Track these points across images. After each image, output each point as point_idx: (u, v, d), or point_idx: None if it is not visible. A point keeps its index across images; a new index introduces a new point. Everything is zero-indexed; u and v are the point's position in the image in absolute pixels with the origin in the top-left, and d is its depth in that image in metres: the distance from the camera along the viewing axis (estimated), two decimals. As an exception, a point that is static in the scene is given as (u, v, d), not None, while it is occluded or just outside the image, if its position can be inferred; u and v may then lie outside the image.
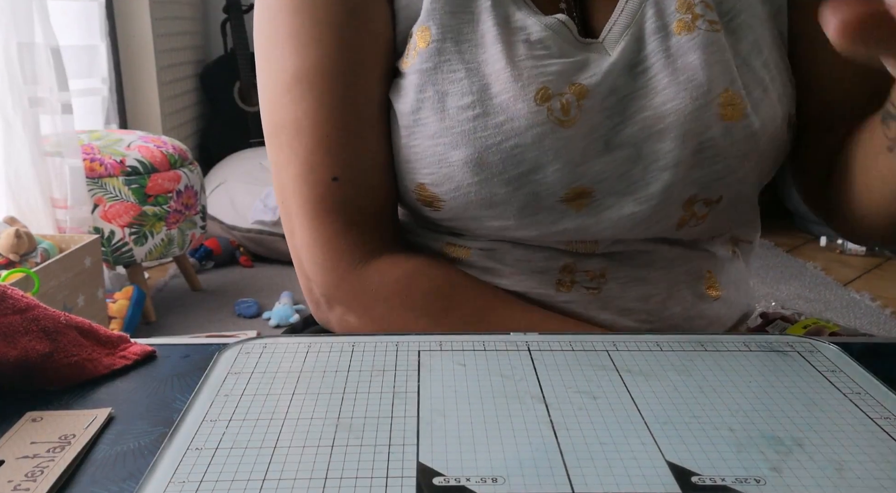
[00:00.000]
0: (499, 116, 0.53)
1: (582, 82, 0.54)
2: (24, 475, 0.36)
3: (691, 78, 0.54)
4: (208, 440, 0.38)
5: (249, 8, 3.65)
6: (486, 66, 0.54)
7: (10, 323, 0.45)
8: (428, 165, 0.56)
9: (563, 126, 0.53)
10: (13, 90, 2.08)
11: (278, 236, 2.85)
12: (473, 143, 0.54)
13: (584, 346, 0.49)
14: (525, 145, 0.53)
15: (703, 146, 0.55)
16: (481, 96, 0.54)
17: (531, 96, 0.53)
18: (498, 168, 0.54)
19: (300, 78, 0.56)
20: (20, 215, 2.12)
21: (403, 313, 0.57)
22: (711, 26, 0.55)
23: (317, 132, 0.56)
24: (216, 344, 0.50)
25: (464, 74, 0.54)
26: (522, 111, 0.53)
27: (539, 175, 0.54)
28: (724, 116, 0.54)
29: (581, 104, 0.54)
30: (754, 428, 0.39)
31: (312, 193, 0.57)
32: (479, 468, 0.36)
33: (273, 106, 0.58)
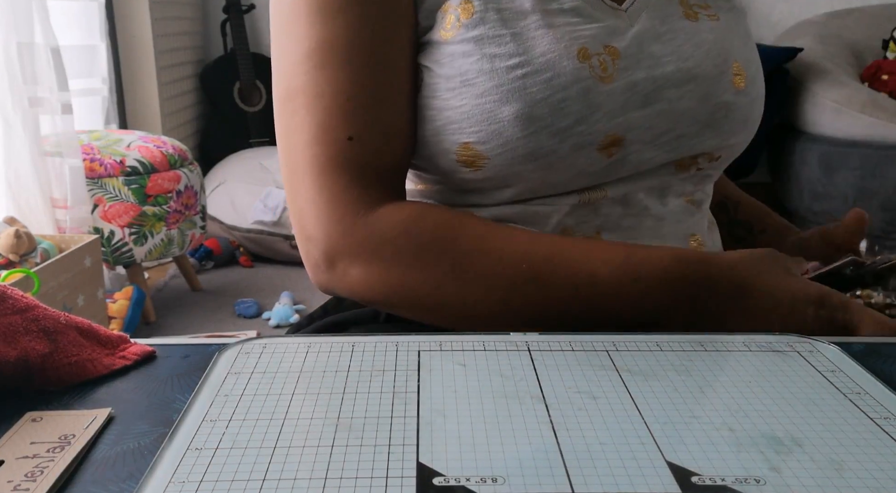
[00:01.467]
0: (546, 73, 0.58)
1: (614, 45, 0.61)
2: (24, 475, 0.36)
3: (710, 49, 0.64)
4: (208, 440, 0.38)
5: (249, 8, 3.65)
6: (528, 31, 0.60)
7: (10, 323, 0.45)
8: (475, 123, 0.60)
9: (604, 81, 0.60)
10: (13, 90, 2.08)
11: (278, 237, 2.85)
12: (523, 98, 0.58)
13: (584, 346, 0.49)
14: (571, 99, 0.59)
15: (718, 108, 0.64)
16: (528, 57, 0.59)
17: (573, 55, 0.59)
18: (546, 121, 0.59)
19: (322, 46, 0.59)
20: (20, 215, 2.12)
21: (414, 250, 0.58)
22: (710, 18, 0.66)
23: (338, 96, 0.59)
24: (216, 344, 0.50)
25: (509, 39, 0.59)
26: (567, 68, 0.59)
27: (583, 126, 0.59)
28: (735, 84, 0.65)
29: (616, 63, 0.60)
30: (754, 428, 0.39)
31: (325, 152, 0.59)
32: (479, 468, 0.36)
33: (290, 72, 0.60)
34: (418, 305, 0.60)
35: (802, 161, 3.11)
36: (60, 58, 2.19)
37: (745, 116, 0.66)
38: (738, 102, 0.65)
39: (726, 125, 0.65)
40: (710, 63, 0.63)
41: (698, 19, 0.65)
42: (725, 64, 0.64)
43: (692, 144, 0.65)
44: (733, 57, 0.65)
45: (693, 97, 0.63)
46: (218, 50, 3.73)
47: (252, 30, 3.74)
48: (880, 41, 3.31)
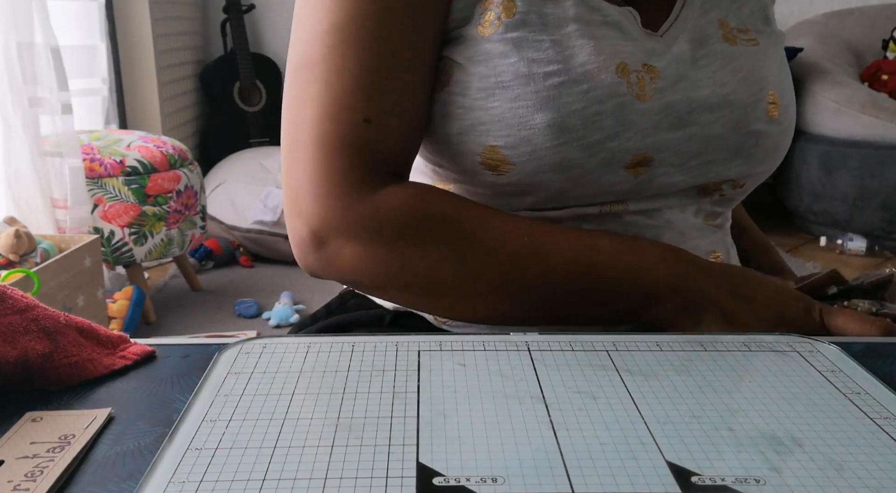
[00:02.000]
0: (583, 84, 0.57)
1: (652, 64, 0.60)
2: (24, 475, 0.36)
3: (747, 77, 0.62)
4: (208, 440, 0.38)
5: (249, 8, 3.65)
6: (569, 39, 0.58)
7: (10, 323, 0.45)
8: (505, 127, 0.58)
9: (640, 99, 0.58)
10: (13, 90, 2.08)
11: (278, 236, 2.85)
12: (558, 107, 0.57)
13: (584, 346, 0.49)
14: (605, 113, 0.57)
15: (749, 135, 0.63)
16: (566, 65, 0.57)
17: (612, 69, 0.58)
18: (578, 133, 0.57)
19: (351, 22, 0.57)
20: (20, 215, 2.12)
21: (417, 228, 0.57)
22: (749, 43, 0.64)
23: (361, 76, 0.57)
24: (216, 344, 0.50)
25: (549, 44, 0.58)
26: (605, 81, 0.57)
27: (614, 142, 0.58)
28: (769, 112, 0.63)
29: (654, 82, 0.59)
30: (754, 428, 0.39)
31: (336, 129, 0.57)
32: (479, 468, 0.36)
33: (311, 41, 0.58)
34: (412, 286, 0.58)
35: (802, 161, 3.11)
36: (60, 58, 2.19)
37: (774, 146, 0.65)
38: (770, 130, 0.63)
39: (756, 153, 0.64)
40: (746, 90, 0.62)
41: (737, 44, 0.63)
42: (762, 92, 0.63)
43: (719, 170, 0.63)
44: (770, 85, 0.63)
45: (726, 123, 0.61)
46: (218, 50, 3.73)
47: (252, 30, 3.74)
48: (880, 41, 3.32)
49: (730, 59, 0.62)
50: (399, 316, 0.68)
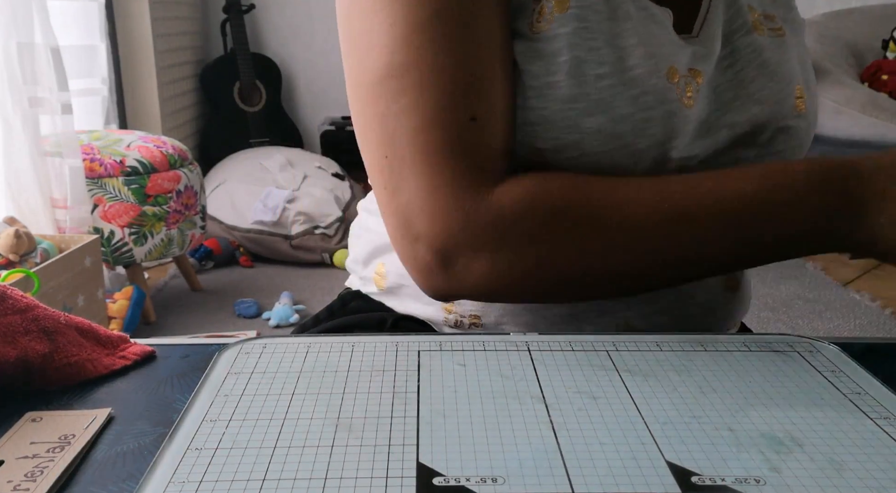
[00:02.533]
0: (634, 89, 0.55)
1: (698, 68, 0.58)
2: (24, 475, 0.36)
3: (774, 71, 0.59)
4: (208, 440, 0.38)
5: (249, 8, 3.65)
6: (620, 39, 0.55)
7: (10, 323, 0.45)
8: (554, 129, 0.54)
9: (686, 106, 0.56)
10: (13, 90, 2.08)
11: (278, 237, 2.85)
12: (609, 111, 0.54)
13: (584, 346, 0.49)
14: (655, 119, 0.55)
15: (779, 133, 0.60)
16: (618, 67, 0.55)
17: (663, 73, 0.55)
18: (628, 139, 0.55)
19: (437, 18, 0.52)
20: (20, 215, 2.12)
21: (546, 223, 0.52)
22: (775, 32, 0.61)
23: (460, 73, 0.52)
24: (216, 344, 0.50)
25: (601, 44, 0.55)
26: (657, 87, 0.55)
27: (661, 150, 0.56)
28: (797, 107, 0.60)
29: (699, 87, 0.57)
30: (754, 428, 0.39)
31: (442, 136, 0.52)
32: (479, 468, 0.36)
33: (393, 47, 0.53)
34: (562, 282, 0.54)
35: (802, 161, 3.11)
36: (60, 58, 2.19)
37: (801, 140, 0.62)
38: (799, 125, 0.61)
39: (786, 150, 0.61)
40: (773, 87, 0.59)
41: (764, 33, 0.60)
42: (789, 87, 0.60)
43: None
44: (796, 80, 0.61)
45: (754, 123, 0.59)
46: (218, 50, 3.73)
47: (252, 30, 3.74)
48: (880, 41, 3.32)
49: (758, 53, 0.59)
50: (401, 319, 0.68)
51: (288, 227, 2.85)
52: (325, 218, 2.89)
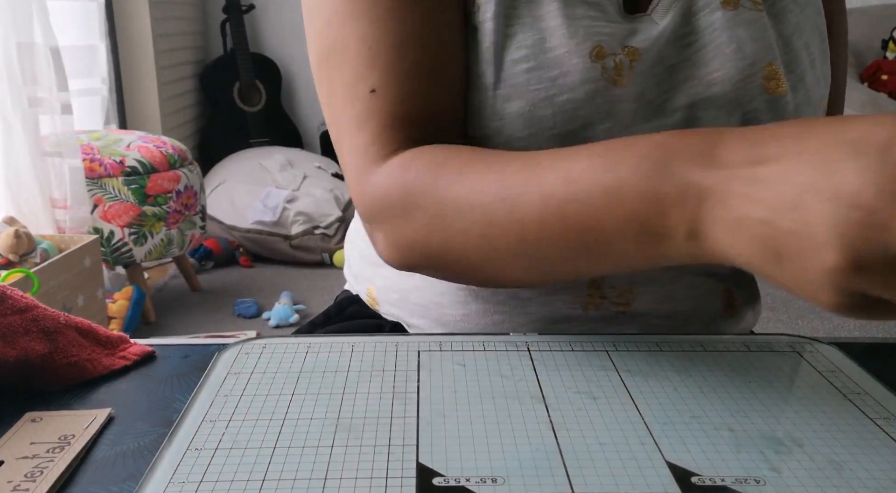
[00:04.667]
0: (553, 71, 0.54)
1: (635, 45, 0.55)
2: (24, 475, 0.36)
3: (737, 50, 0.55)
4: (208, 441, 0.38)
5: (249, 8, 3.65)
6: (541, 21, 0.54)
7: (10, 323, 0.45)
8: (479, 118, 0.55)
9: (616, 85, 0.54)
10: (13, 90, 2.08)
11: (278, 236, 2.85)
12: (526, 95, 0.53)
13: (584, 346, 0.49)
14: (578, 101, 0.53)
15: (747, 118, 0.56)
16: (536, 50, 0.54)
17: (586, 53, 0.54)
18: (549, 123, 0.54)
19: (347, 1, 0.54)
20: (20, 215, 2.12)
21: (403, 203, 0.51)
22: (754, 6, 0.57)
23: (360, 48, 0.54)
24: (216, 344, 0.50)
25: (520, 29, 0.54)
26: (577, 66, 0.53)
27: (589, 133, 0.54)
28: (768, 89, 0.56)
29: (633, 66, 0.54)
30: (754, 428, 0.39)
31: (352, 111, 0.55)
32: (479, 468, 0.36)
33: (322, 32, 0.56)
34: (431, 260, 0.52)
35: (802, 161, 3.11)
36: (60, 58, 2.19)
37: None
38: (774, 109, 0.56)
39: None
40: (731, 66, 0.55)
41: (737, 8, 0.56)
42: (752, 67, 0.55)
43: None
44: (767, 58, 0.56)
45: (712, 105, 0.55)
46: (218, 50, 3.73)
47: (252, 30, 3.74)
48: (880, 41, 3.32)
49: (720, 31, 0.55)
50: (398, 326, 0.68)
51: (288, 227, 2.85)
52: (325, 218, 2.89)
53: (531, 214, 0.45)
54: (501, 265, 0.49)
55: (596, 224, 0.42)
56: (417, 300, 0.64)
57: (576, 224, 0.43)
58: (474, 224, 0.48)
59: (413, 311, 0.64)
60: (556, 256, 0.46)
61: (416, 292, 0.63)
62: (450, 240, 0.50)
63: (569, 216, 0.43)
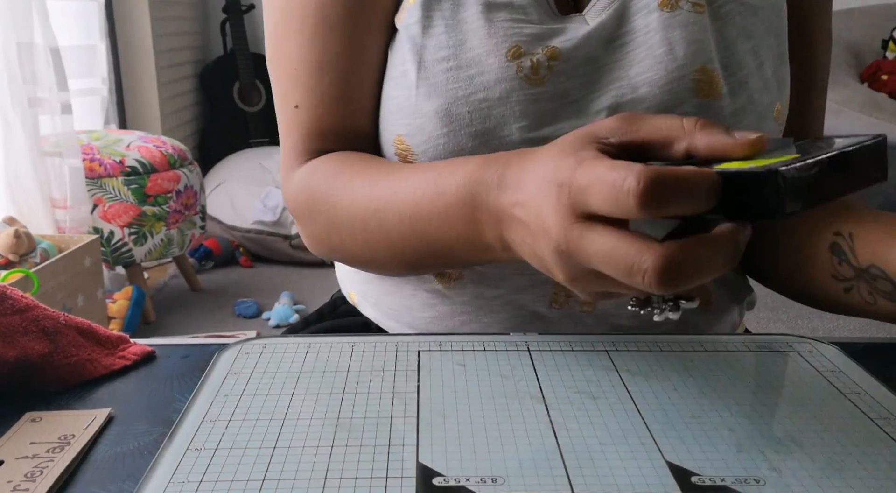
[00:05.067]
0: (470, 69, 0.55)
1: (555, 45, 0.55)
2: (24, 475, 0.36)
3: (668, 51, 0.55)
4: (208, 441, 0.38)
5: (249, 8, 3.65)
6: (464, 23, 0.56)
7: (10, 323, 0.45)
8: (405, 116, 0.58)
9: (531, 84, 0.55)
10: (13, 90, 2.08)
11: (278, 237, 2.85)
12: (444, 93, 0.56)
13: (584, 346, 0.49)
14: (492, 99, 0.54)
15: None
16: (456, 51, 0.56)
17: (503, 53, 0.55)
18: (465, 120, 0.55)
19: (282, 18, 0.61)
20: (19, 215, 2.12)
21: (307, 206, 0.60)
22: (694, 8, 0.56)
23: (289, 66, 0.61)
24: (215, 344, 0.50)
25: (443, 30, 0.56)
26: (493, 66, 0.55)
27: (506, 131, 0.55)
28: (699, 92, 0.55)
29: (552, 65, 0.55)
30: (754, 428, 0.39)
31: (282, 119, 0.64)
32: (479, 468, 0.36)
33: (268, 42, 0.64)
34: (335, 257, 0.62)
35: (802, 161, 3.11)
36: (60, 58, 2.19)
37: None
38: (707, 114, 0.54)
39: None
40: (660, 68, 0.54)
41: (675, 9, 0.55)
42: (682, 69, 0.54)
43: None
44: (700, 61, 0.54)
45: (636, 108, 0.54)
46: (218, 50, 3.73)
47: (252, 30, 3.74)
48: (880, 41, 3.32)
49: (654, 32, 0.55)
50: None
51: (288, 227, 2.85)
52: (325, 218, 2.89)
53: (393, 228, 0.54)
54: (381, 263, 0.58)
55: (440, 238, 0.52)
56: (390, 304, 0.65)
57: (425, 238, 0.53)
58: (357, 230, 0.57)
59: (389, 314, 0.66)
60: (417, 258, 0.55)
61: (388, 297, 0.65)
62: (343, 240, 0.59)
63: (418, 232, 0.53)
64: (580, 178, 0.38)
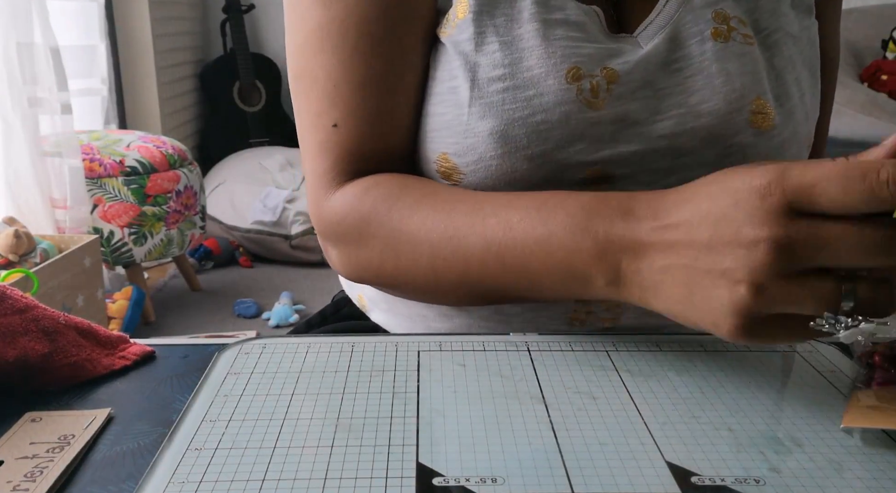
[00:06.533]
0: (528, 91, 0.54)
1: (613, 67, 0.55)
2: (24, 475, 0.36)
3: (726, 82, 0.55)
4: (208, 441, 0.38)
5: (249, 8, 3.65)
6: (520, 41, 0.55)
7: (10, 323, 0.45)
8: (454, 134, 0.56)
9: (591, 107, 0.54)
10: (12, 90, 2.08)
11: (278, 237, 2.85)
12: (500, 114, 0.54)
13: (584, 346, 0.49)
14: (551, 122, 0.53)
15: (731, 151, 0.56)
16: (513, 70, 0.54)
17: (562, 74, 0.54)
18: (522, 142, 0.54)
19: (319, 30, 0.57)
20: (19, 215, 2.12)
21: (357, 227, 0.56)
22: (745, 39, 0.57)
23: (327, 83, 0.57)
24: (215, 344, 0.50)
25: (497, 47, 0.54)
26: (552, 87, 0.53)
27: (562, 154, 0.54)
28: (753, 123, 0.56)
29: (611, 89, 0.54)
30: (754, 428, 0.39)
31: (316, 137, 0.59)
32: (479, 468, 0.36)
33: (296, 54, 0.60)
34: (381, 283, 0.58)
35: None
36: (60, 58, 2.19)
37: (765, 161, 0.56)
38: (759, 143, 0.56)
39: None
40: (720, 98, 0.55)
41: (729, 40, 0.56)
42: (741, 100, 0.55)
43: None
44: (756, 92, 0.56)
45: (696, 137, 0.55)
46: (218, 50, 3.73)
47: (252, 30, 3.74)
48: (880, 41, 3.32)
49: (711, 62, 0.55)
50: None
51: (287, 227, 2.85)
52: (325, 218, 2.89)
53: (474, 254, 0.51)
54: (445, 291, 0.55)
55: (530, 267, 0.49)
56: (404, 311, 0.64)
57: (512, 266, 0.49)
58: (423, 256, 0.53)
59: (401, 321, 0.65)
60: (493, 288, 0.52)
61: (403, 304, 0.64)
62: (400, 267, 0.55)
63: (506, 259, 0.49)
64: (801, 176, 0.37)
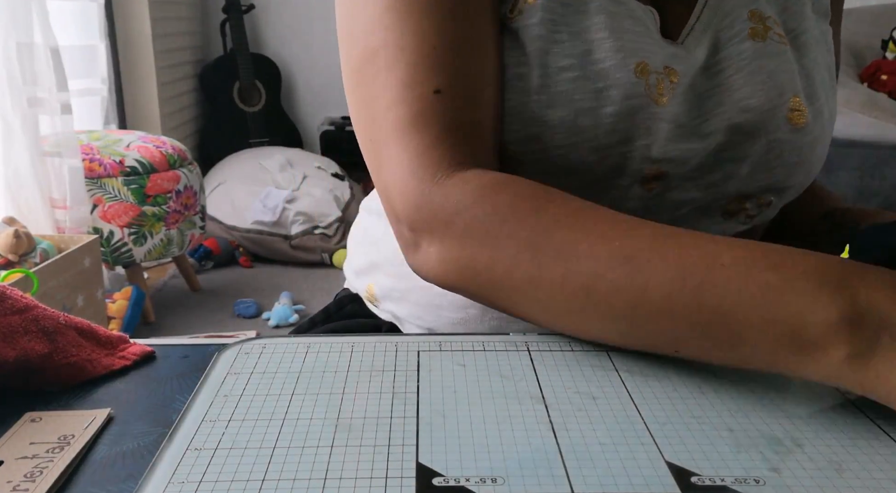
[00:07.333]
0: (598, 82, 0.53)
1: (674, 67, 0.56)
2: (24, 475, 0.36)
3: (765, 80, 0.56)
4: (208, 441, 0.38)
5: (249, 8, 3.65)
6: (588, 33, 0.54)
7: (10, 323, 0.45)
8: (518, 122, 0.54)
9: (657, 103, 0.54)
10: (12, 90, 2.08)
11: (278, 236, 2.85)
12: (569, 104, 0.53)
13: (584, 346, 0.49)
14: (620, 115, 0.53)
15: (771, 146, 0.57)
16: (582, 61, 0.54)
17: (631, 68, 0.54)
18: (590, 134, 0.54)
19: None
20: (19, 215, 2.12)
21: (487, 222, 0.47)
22: (780, 39, 0.58)
23: (423, 46, 0.51)
24: (215, 344, 0.50)
25: (567, 37, 0.54)
26: (622, 80, 0.53)
27: (627, 148, 0.54)
28: (791, 120, 0.57)
29: (674, 87, 0.55)
30: (754, 428, 0.39)
31: (409, 111, 0.51)
32: (479, 468, 0.35)
33: (368, 31, 0.53)
34: (494, 290, 0.48)
35: (802, 161, 3.11)
36: (60, 58, 2.19)
37: (797, 158, 0.58)
38: (795, 140, 0.57)
39: (779, 166, 0.58)
40: (762, 95, 0.56)
41: (766, 40, 0.57)
42: (781, 97, 0.57)
43: (739, 185, 0.58)
44: (792, 90, 0.57)
45: (740, 132, 0.56)
46: (217, 50, 3.73)
47: (252, 30, 3.74)
48: (880, 41, 3.32)
49: (749, 60, 0.57)
50: (394, 326, 0.68)
51: (287, 227, 2.85)
52: (325, 218, 2.89)
53: (659, 284, 0.42)
54: (588, 319, 0.45)
55: (735, 314, 0.40)
56: (417, 300, 0.64)
57: (710, 308, 0.41)
58: (576, 274, 0.44)
59: (411, 311, 0.64)
60: (666, 330, 0.43)
61: (418, 292, 0.63)
62: (534, 278, 0.46)
63: (704, 298, 0.41)
64: None
